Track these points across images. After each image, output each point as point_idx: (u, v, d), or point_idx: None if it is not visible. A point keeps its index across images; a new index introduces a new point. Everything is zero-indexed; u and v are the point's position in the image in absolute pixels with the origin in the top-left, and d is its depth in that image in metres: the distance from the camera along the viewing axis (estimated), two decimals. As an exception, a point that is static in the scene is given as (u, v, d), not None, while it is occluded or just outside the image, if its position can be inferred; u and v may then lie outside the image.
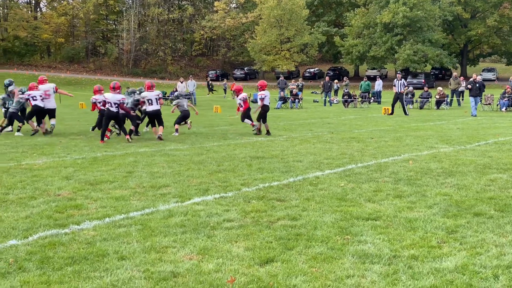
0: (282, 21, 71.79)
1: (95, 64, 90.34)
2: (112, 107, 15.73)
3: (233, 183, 9.34)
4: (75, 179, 9.70)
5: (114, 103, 15.72)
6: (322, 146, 14.49)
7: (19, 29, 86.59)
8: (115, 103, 15.74)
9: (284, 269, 5.13)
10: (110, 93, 15.89)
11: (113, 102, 15.71)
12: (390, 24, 62.93)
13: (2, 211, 7.38)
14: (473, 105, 27.44)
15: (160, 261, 5.36)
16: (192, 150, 13.89)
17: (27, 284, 4.74)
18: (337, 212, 7.29)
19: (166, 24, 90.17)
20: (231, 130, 19.67)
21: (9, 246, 5.81)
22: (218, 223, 6.78)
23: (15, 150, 13.78)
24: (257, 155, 12.79)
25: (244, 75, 79.39)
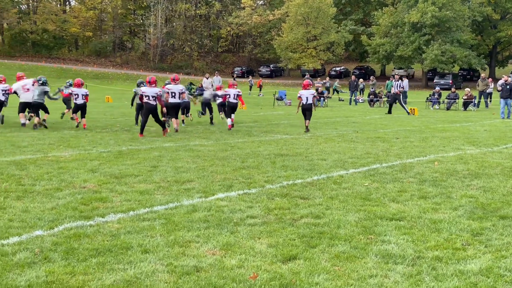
0: (309, 19, 71.58)
1: (122, 59, 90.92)
2: (150, 100, 16.18)
3: (257, 180, 9.35)
4: (101, 172, 9.78)
5: (152, 96, 16.19)
6: (346, 145, 14.43)
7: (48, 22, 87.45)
8: (152, 96, 16.19)
9: (307, 267, 5.13)
10: (147, 87, 16.37)
11: (151, 95, 16.19)
12: (418, 24, 62.37)
13: (29, 201, 7.47)
14: (503, 106, 27.07)
15: (183, 256, 5.38)
16: (217, 146, 13.93)
17: (52, 274, 4.79)
18: (361, 211, 7.26)
19: (193, 19, 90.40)
20: (256, 127, 19.66)
21: (35, 237, 5.88)
22: (241, 219, 6.79)
23: (42, 142, 13.93)
24: (281, 153, 12.78)
25: (269, 73, 79.32)
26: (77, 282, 4.65)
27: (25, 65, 75.47)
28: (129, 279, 4.75)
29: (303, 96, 18.56)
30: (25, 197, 7.75)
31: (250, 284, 4.68)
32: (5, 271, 4.85)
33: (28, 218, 6.60)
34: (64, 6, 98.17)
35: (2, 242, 5.65)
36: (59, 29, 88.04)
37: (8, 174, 9.36)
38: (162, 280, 4.74)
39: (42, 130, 16.84)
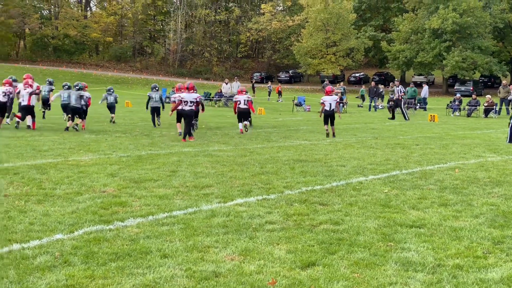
0: (328, 25, 71.50)
1: (142, 64, 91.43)
2: (187, 106, 16.66)
3: (275, 186, 9.34)
4: (120, 177, 9.82)
5: (190, 101, 16.73)
6: (366, 152, 14.38)
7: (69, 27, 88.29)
8: (191, 101, 16.75)
9: (326, 274, 5.10)
10: (185, 93, 16.86)
11: (190, 100, 16.72)
12: (439, 30, 62.04)
13: (50, 205, 7.52)
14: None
15: (202, 261, 5.39)
16: (236, 151, 13.94)
17: (72, 278, 4.82)
18: (380, 218, 7.22)
19: (212, 25, 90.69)
20: (275, 133, 19.65)
21: (55, 240, 5.91)
22: (260, 224, 6.78)
23: (62, 146, 14.03)
24: (300, 158, 12.75)
25: (289, 78, 79.30)
26: (97, 286, 4.67)
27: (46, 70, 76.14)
28: (148, 283, 4.76)
29: (326, 102, 18.62)
30: (45, 201, 7.81)
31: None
32: (25, 275, 4.88)
33: (48, 221, 6.65)
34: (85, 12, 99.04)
35: (23, 245, 5.69)
36: (80, 34, 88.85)
37: (29, 178, 9.43)
38: (181, 285, 4.74)
39: (63, 134, 16.97)
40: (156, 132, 18.45)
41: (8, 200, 7.73)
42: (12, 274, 4.88)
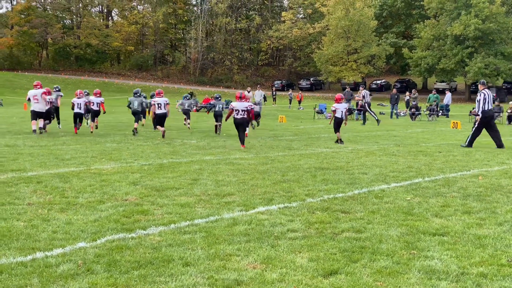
0: (349, 32, 71.44)
1: (163, 72, 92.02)
2: (238, 114, 17.26)
3: (297, 194, 9.32)
4: (142, 185, 9.86)
5: (242, 110, 17.27)
6: (388, 159, 14.30)
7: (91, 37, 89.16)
8: (242, 110, 17.28)
9: (348, 282, 5.07)
10: (237, 102, 17.46)
11: (241, 109, 17.26)
12: (461, 37, 61.72)
13: (72, 214, 7.57)
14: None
15: (224, 269, 5.38)
16: (257, 159, 13.94)
17: (95, 286, 4.84)
18: (403, 226, 7.16)
19: (233, 33, 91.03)
20: (296, 141, 19.63)
21: (78, 248, 5.95)
22: (282, 233, 6.76)
23: (85, 155, 14.14)
24: (321, 166, 12.72)
25: (309, 86, 79.30)
26: (119, 294, 4.69)
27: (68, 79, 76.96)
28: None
29: (338, 110, 18.74)
30: (68, 209, 7.86)
31: (291, 299, 4.65)
32: (49, 283, 4.91)
33: (71, 230, 6.69)
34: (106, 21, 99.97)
35: (46, 253, 5.73)
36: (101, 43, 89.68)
37: (52, 187, 9.51)
38: (203, 294, 4.74)
39: (85, 143, 17.10)
40: (177, 141, 18.53)
41: (31, 209, 7.79)
42: (36, 282, 4.92)
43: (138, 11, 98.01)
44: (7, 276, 5.05)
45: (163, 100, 19.74)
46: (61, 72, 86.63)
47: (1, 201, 8.21)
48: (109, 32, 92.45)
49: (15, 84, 71.62)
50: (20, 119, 29.51)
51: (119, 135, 20.64)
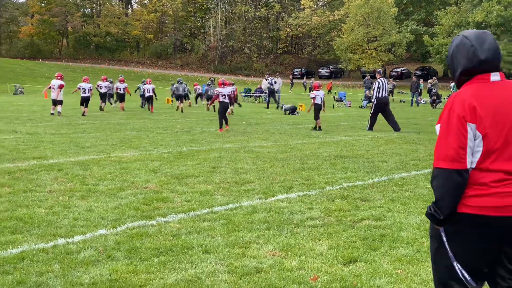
0: (369, 20, 70.94)
1: (182, 60, 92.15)
2: (226, 99, 18.51)
3: (316, 181, 9.30)
4: (162, 173, 9.90)
5: (227, 95, 18.57)
6: (408, 147, 14.22)
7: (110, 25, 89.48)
8: (227, 94, 18.65)
9: (368, 270, 5.06)
10: (221, 88, 18.72)
11: (226, 94, 18.57)
12: (483, 23, 60.96)
13: (93, 201, 7.62)
14: None
15: (244, 256, 5.39)
16: (276, 147, 13.93)
17: (115, 273, 4.87)
18: (423, 214, 7.11)
19: (252, 21, 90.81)
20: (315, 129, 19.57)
21: (98, 235, 5.99)
22: (301, 220, 6.75)
23: (105, 142, 14.21)
24: (341, 154, 12.68)
25: (329, 74, 78.91)
26: (140, 280, 4.71)
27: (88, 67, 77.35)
28: (190, 278, 4.78)
29: (317, 97, 19.25)
30: (89, 196, 7.92)
31: (311, 286, 4.65)
32: (70, 269, 4.96)
33: (92, 217, 6.73)
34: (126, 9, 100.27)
35: (67, 240, 5.77)
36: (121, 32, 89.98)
37: (72, 174, 9.57)
38: (222, 280, 4.75)
39: (105, 131, 17.19)
40: (197, 129, 18.57)
41: (52, 196, 7.86)
42: (57, 269, 4.96)
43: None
44: (29, 263, 5.10)
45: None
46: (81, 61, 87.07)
47: (23, 188, 8.29)
48: (128, 20, 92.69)
49: (36, 73, 72.12)
50: (41, 107, 29.72)
51: (138, 123, 20.72)
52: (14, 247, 5.51)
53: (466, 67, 3.13)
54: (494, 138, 3.00)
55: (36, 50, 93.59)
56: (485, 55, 3.07)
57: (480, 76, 3.12)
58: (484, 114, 2.99)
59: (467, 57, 3.12)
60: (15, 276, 4.75)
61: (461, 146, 2.98)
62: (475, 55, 3.09)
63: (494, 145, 3.00)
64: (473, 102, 3.01)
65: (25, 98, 41.06)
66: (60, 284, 4.59)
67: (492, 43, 3.11)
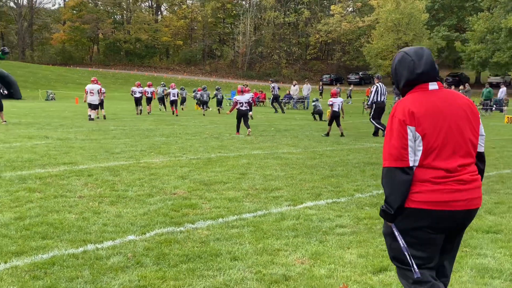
0: (400, 25, 70.47)
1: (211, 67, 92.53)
2: (243, 107, 18.83)
3: (346, 189, 9.23)
4: (190, 179, 9.92)
5: (244, 102, 18.85)
6: (439, 154, 14.04)
7: (140, 31, 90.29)
8: (246, 102, 18.92)
9: (398, 279, 4.99)
10: (239, 95, 19.10)
11: (244, 102, 18.85)
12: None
13: (122, 207, 7.66)
14: None
15: (272, 264, 5.36)
16: (305, 154, 13.88)
17: (144, 279, 4.87)
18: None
19: (281, 27, 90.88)
20: (345, 135, 19.47)
21: (127, 241, 6.01)
22: (330, 228, 6.70)
23: (134, 148, 14.30)
24: (370, 161, 12.59)
25: (358, 80, 78.57)
26: (168, 287, 4.71)
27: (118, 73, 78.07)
28: (218, 285, 4.77)
29: (335, 104, 19.43)
30: (118, 202, 7.96)
31: (340, 295, 4.60)
32: (99, 275, 4.98)
33: (121, 223, 6.76)
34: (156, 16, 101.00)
35: (97, 246, 5.80)
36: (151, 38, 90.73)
37: (102, 180, 9.64)
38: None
39: (134, 137, 17.30)
40: (226, 135, 18.60)
41: (83, 201, 7.92)
42: (87, 274, 4.98)
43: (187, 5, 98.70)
44: (59, 268, 5.13)
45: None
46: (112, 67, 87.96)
47: (53, 194, 8.37)
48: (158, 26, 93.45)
49: (67, 79, 73.05)
50: (72, 113, 30.06)
51: (167, 129, 20.82)
52: (44, 253, 5.56)
53: (408, 78, 3.67)
54: (432, 138, 3.47)
55: (68, 57, 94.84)
56: (422, 68, 3.61)
57: (420, 85, 3.64)
58: (423, 117, 3.48)
59: (408, 70, 3.66)
60: (45, 281, 4.78)
61: (403, 147, 3.46)
62: (414, 68, 3.63)
63: (433, 144, 3.47)
64: (412, 108, 3.50)
65: (56, 104, 41.58)
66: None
67: (428, 58, 3.67)
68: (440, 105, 3.54)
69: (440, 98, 3.58)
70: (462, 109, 3.59)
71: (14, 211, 7.22)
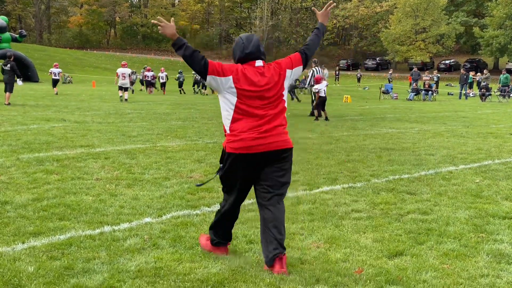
0: (418, 11, 69.92)
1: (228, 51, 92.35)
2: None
3: (362, 174, 9.21)
4: (206, 163, 9.94)
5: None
6: (456, 140, 13.98)
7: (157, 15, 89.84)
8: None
9: (414, 264, 4.98)
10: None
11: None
12: (535, 15, 59.45)
13: (139, 189, 7.70)
14: None
15: (288, 247, 5.35)
16: (321, 139, 13.85)
17: (160, 261, 4.90)
18: (471, 208, 6.99)
19: (298, 12, 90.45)
20: (361, 121, 19.41)
21: (144, 223, 6.04)
22: (346, 212, 6.70)
23: (150, 132, 14.35)
24: (387, 147, 12.54)
25: (375, 66, 78.16)
26: (184, 269, 4.74)
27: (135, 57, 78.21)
28: (234, 268, 4.78)
29: (321, 90, 19.56)
30: (135, 185, 8.00)
31: (355, 279, 4.60)
32: (116, 256, 5.01)
33: (138, 205, 6.80)
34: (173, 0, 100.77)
35: (113, 227, 5.84)
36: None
37: (119, 163, 9.69)
38: (266, 271, 4.74)
39: (151, 121, 17.35)
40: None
41: (99, 184, 7.97)
42: (104, 255, 5.02)
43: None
44: (76, 249, 5.18)
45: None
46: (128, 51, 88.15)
47: (71, 176, 8.43)
48: (175, 10, 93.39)
49: (84, 62, 73.34)
50: (89, 96, 30.21)
51: (184, 113, 20.86)
52: (62, 233, 5.61)
53: (240, 56, 4.88)
54: (246, 98, 4.77)
55: (85, 40, 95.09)
56: (250, 49, 4.84)
57: (249, 62, 4.85)
58: (243, 80, 4.75)
59: (240, 50, 4.88)
60: (62, 261, 4.83)
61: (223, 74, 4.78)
62: (244, 49, 4.85)
63: (246, 102, 4.78)
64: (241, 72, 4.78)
65: (73, 87, 41.77)
66: (106, 271, 4.65)
67: (255, 42, 4.88)
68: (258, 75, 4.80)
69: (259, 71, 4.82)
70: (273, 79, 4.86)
71: (32, 193, 7.29)
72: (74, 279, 4.47)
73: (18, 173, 8.55)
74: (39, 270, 4.61)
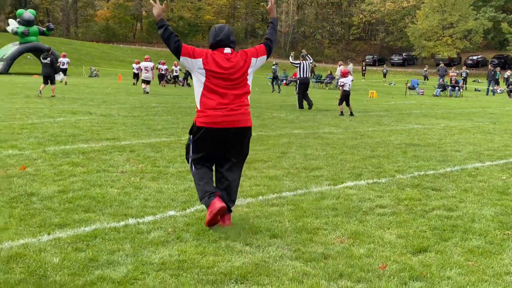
0: (445, 6, 69.20)
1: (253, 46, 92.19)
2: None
3: (387, 169, 9.16)
4: (231, 156, 9.92)
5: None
6: (482, 137, 13.83)
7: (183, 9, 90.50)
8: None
9: (438, 260, 4.95)
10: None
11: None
12: None
13: (163, 183, 7.74)
14: None
15: (311, 242, 5.36)
16: (346, 134, 13.80)
17: (184, 254, 4.92)
18: (497, 205, 6.91)
19: (325, 7, 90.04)
20: (386, 116, 19.30)
21: (168, 216, 6.07)
22: (370, 208, 6.67)
23: (175, 125, 14.40)
24: (412, 143, 12.45)
25: (402, 61, 77.55)
26: (208, 262, 4.75)
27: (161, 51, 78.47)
28: (257, 262, 4.79)
29: (346, 84, 19.31)
30: (159, 178, 8.04)
31: (379, 274, 4.58)
32: (140, 248, 5.05)
33: (162, 198, 6.83)
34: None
35: (138, 220, 5.88)
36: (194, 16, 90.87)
37: (144, 156, 9.75)
38: (289, 265, 4.74)
39: (176, 114, 17.41)
40: (267, 114, 18.59)
41: (124, 177, 8.02)
42: (128, 248, 5.06)
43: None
44: (101, 241, 5.22)
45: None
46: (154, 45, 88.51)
47: (96, 168, 8.50)
48: (201, 5, 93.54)
49: (110, 56, 73.82)
50: (115, 89, 30.40)
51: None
52: (87, 225, 5.66)
53: (212, 42, 5.71)
54: (213, 78, 5.56)
55: (111, 34, 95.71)
56: (220, 37, 5.65)
57: (219, 49, 5.66)
58: (211, 63, 5.57)
59: (212, 37, 5.71)
60: (87, 253, 4.87)
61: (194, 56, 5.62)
62: (215, 36, 5.67)
63: (213, 82, 5.57)
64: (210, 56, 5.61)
65: (99, 81, 42.07)
66: (130, 263, 4.68)
67: (226, 32, 5.69)
68: (225, 61, 5.59)
69: (226, 57, 5.61)
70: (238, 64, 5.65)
71: (57, 184, 7.36)
72: (98, 270, 4.51)
73: (45, 165, 8.64)
74: (64, 261, 4.66)
